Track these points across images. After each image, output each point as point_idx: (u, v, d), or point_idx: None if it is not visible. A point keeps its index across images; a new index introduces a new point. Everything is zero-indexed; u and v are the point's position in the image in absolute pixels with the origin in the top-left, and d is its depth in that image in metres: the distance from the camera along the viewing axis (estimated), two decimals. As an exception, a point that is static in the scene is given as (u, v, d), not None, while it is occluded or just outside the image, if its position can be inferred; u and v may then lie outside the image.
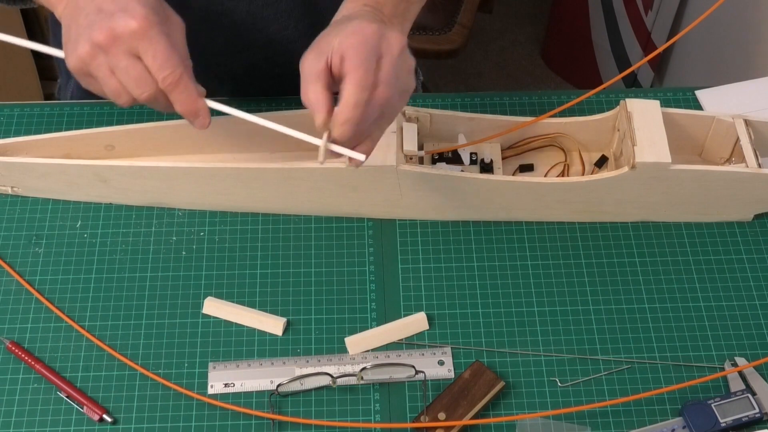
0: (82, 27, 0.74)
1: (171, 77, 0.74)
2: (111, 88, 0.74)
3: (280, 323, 0.87)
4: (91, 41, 0.73)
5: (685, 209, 0.93)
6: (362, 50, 0.72)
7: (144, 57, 0.73)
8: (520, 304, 0.89)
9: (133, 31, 0.72)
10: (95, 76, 0.75)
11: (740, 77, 1.07)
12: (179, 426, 0.81)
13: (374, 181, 0.89)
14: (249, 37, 1.00)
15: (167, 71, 0.73)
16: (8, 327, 0.87)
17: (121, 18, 0.72)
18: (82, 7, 0.75)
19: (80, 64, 0.74)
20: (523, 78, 2.25)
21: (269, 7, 0.98)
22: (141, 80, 0.73)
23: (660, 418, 0.82)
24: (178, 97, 0.75)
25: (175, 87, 0.74)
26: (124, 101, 0.75)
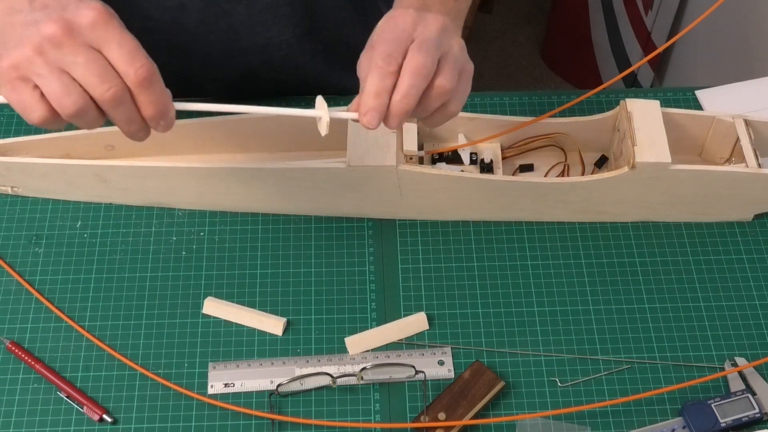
0: (22, 25, 0.63)
1: (143, 70, 0.63)
2: (54, 87, 0.61)
3: (280, 323, 0.87)
4: (39, 35, 0.61)
5: (685, 209, 0.93)
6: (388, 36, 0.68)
7: (107, 49, 0.62)
8: (520, 304, 0.89)
9: (93, 20, 0.62)
10: (36, 76, 0.62)
11: (740, 77, 1.07)
12: (179, 426, 0.81)
13: (374, 181, 0.89)
14: (247, 41, 1.00)
15: (139, 63, 0.63)
16: (8, 327, 0.87)
17: (76, 8, 0.62)
18: (20, 9, 0.64)
19: (20, 61, 0.61)
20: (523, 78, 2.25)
21: (268, 11, 0.98)
22: (105, 74, 0.62)
23: (660, 418, 0.82)
24: (150, 95, 0.64)
25: (149, 82, 0.63)
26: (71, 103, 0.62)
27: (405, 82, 0.68)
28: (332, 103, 0.75)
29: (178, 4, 0.95)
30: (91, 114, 0.63)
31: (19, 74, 0.62)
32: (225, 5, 0.96)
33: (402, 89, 0.68)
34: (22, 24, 0.63)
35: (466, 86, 0.74)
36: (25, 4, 0.64)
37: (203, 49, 1.00)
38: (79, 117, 0.63)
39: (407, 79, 0.68)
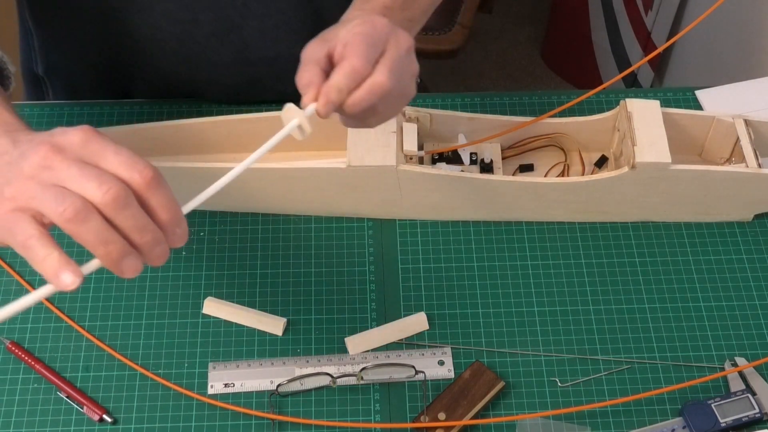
0: (8, 164, 0.59)
1: (148, 170, 0.56)
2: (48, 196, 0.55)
3: (280, 323, 0.87)
4: (28, 164, 0.57)
5: (685, 209, 0.93)
6: (367, 39, 0.68)
7: (104, 161, 0.57)
8: (520, 304, 0.89)
9: (83, 138, 0.57)
10: (31, 197, 0.56)
11: (740, 77, 1.07)
12: (179, 426, 0.81)
13: (374, 181, 0.89)
14: (257, 53, 1.00)
15: (141, 165, 0.56)
16: (8, 327, 0.87)
17: (62, 132, 0.58)
18: (7, 151, 0.60)
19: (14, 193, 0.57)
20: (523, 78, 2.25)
21: (279, 27, 0.98)
22: (102, 177, 0.55)
23: (660, 418, 0.82)
24: (161, 197, 0.57)
25: (157, 183, 0.57)
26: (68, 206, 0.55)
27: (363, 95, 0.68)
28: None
29: (190, 17, 0.95)
30: (93, 220, 0.55)
31: (16, 206, 0.57)
32: (237, 20, 0.96)
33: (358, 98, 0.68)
34: (9, 162, 0.59)
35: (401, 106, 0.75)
36: (10, 146, 0.60)
37: (211, 59, 1.00)
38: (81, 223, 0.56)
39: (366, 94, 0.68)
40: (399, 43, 0.71)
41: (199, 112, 1.03)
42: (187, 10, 0.94)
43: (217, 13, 0.95)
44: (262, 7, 0.95)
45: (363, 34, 0.69)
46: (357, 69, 0.67)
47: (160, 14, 0.95)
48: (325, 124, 0.93)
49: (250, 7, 0.95)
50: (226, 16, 0.95)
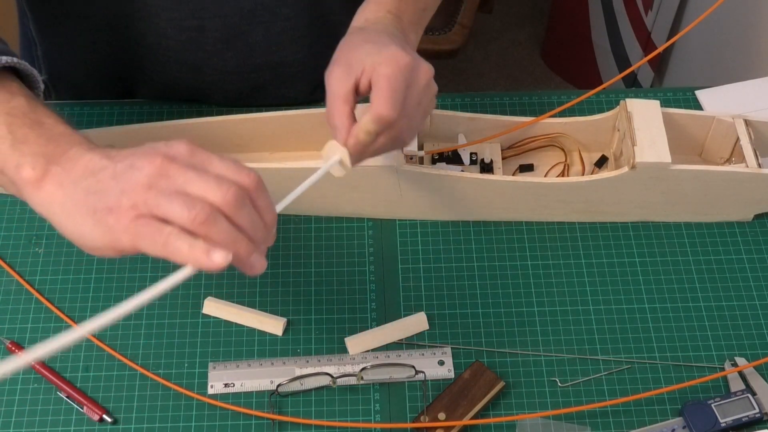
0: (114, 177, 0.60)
1: (254, 175, 0.61)
2: (179, 203, 0.58)
3: (280, 323, 0.87)
4: (143, 174, 0.59)
5: (685, 209, 0.93)
6: (393, 84, 0.71)
7: (212, 167, 0.60)
8: (520, 304, 0.89)
9: (188, 150, 0.60)
10: (157, 205, 0.58)
11: (740, 77, 1.07)
12: (179, 426, 0.81)
13: (374, 181, 0.89)
14: (261, 59, 1.00)
15: (246, 170, 0.60)
16: (8, 327, 0.87)
17: (166, 145, 0.61)
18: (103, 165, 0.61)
19: (136, 201, 0.58)
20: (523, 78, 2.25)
21: (286, 33, 0.98)
22: (221, 181, 0.59)
23: (660, 418, 0.82)
24: (265, 199, 0.62)
25: (263, 186, 0.61)
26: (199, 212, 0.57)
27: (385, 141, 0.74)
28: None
29: (197, 25, 0.95)
30: (222, 221, 0.58)
31: (139, 214, 0.58)
32: (244, 27, 0.96)
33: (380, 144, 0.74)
34: (113, 176, 0.60)
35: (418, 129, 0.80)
36: (105, 161, 0.61)
37: (216, 66, 1.00)
38: (213, 225, 0.58)
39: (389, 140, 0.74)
40: (418, 80, 0.74)
41: (200, 112, 1.02)
42: (194, 17, 0.94)
43: (223, 20, 0.95)
44: (268, 13, 0.95)
45: (388, 77, 0.71)
46: (384, 119, 0.71)
47: (166, 22, 0.95)
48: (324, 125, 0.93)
49: (257, 13, 0.95)
50: (232, 23, 0.95)
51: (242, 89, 1.02)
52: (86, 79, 1.06)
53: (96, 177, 0.61)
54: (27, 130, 0.65)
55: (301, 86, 1.04)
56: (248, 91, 1.03)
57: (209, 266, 0.59)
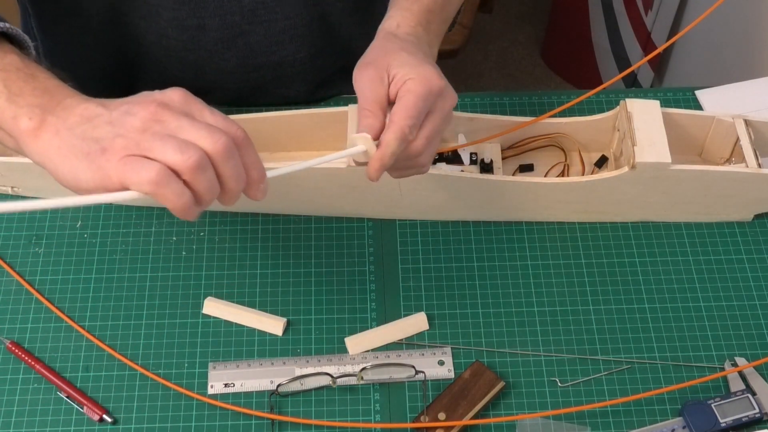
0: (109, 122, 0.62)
1: (241, 131, 0.63)
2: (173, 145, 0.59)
3: (280, 323, 0.87)
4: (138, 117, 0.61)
5: (685, 209, 0.93)
6: (419, 104, 0.72)
7: (203, 117, 0.63)
8: (520, 304, 0.89)
9: (182, 98, 0.64)
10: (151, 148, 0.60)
11: (740, 77, 1.07)
12: (179, 426, 0.81)
13: (374, 181, 0.89)
14: (262, 59, 1.00)
15: (235, 126, 0.63)
16: (8, 327, 0.87)
17: (162, 93, 0.64)
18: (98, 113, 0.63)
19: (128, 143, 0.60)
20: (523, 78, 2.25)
21: (286, 32, 0.98)
22: (212, 129, 0.61)
23: (660, 418, 0.82)
24: (252, 155, 0.64)
25: (249, 141, 0.64)
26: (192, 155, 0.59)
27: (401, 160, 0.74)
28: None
29: (197, 24, 0.95)
30: (210, 170, 0.61)
31: (133, 155, 0.60)
32: (244, 26, 0.96)
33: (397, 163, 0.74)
34: (108, 121, 0.62)
35: None
36: (101, 108, 0.64)
37: (217, 65, 1.00)
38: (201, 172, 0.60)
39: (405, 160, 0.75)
40: (444, 106, 0.75)
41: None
42: (194, 16, 0.94)
43: (224, 19, 0.95)
44: (268, 12, 0.95)
45: (417, 95, 0.72)
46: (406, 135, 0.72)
47: (167, 21, 0.95)
48: (325, 125, 0.93)
49: (257, 12, 0.95)
50: (233, 22, 0.95)
51: (243, 89, 1.02)
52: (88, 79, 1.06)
53: (92, 123, 0.63)
54: (21, 83, 0.67)
55: (302, 86, 1.04)
56: (249, 91, 1.03)
57: (184, 217, 0.61)
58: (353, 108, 0.90)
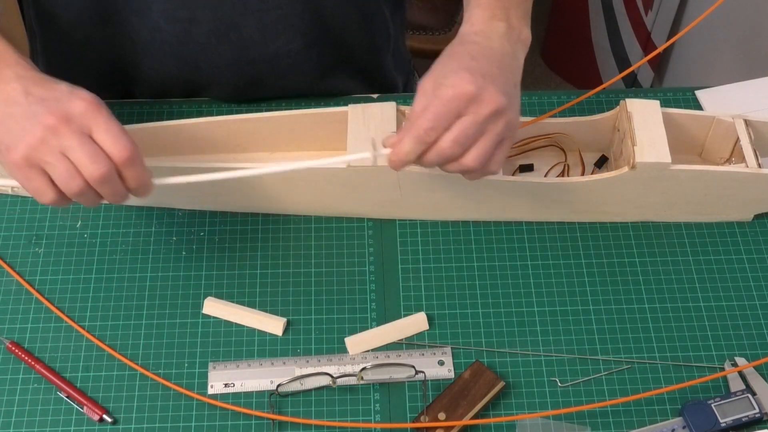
0: (23, 118, 0.72)
1: (127, 151, 0.73)
2: (61, 171, 0.72)
3: (280, 323, 0.87)
4: (41, 125, 0.71)
5: (685, 209, 0.93)
6: (439, 109, 0.75)
7: (96, 134, 0.73)
8: (520, 304, 0.89)
9: (84, 110, 0.73)
10: (44, 162, 0.72)
11: (740, 77, 1.07)
12: (179, 426, 0.81)
13: (374, 181, 0.89)
14: (255, 52, 1.00)
15: (121, 144, 0.73)
16: (8, 327, 0.87)
17: (69, 100, 0.73)
18: (17, 101, 0.73)
19: (29, 152, 0.72)
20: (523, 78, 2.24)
21: (278, 23, 0.98)
22: (95, 156, 0.72)
23: (660, 418, 0.82)
24: (133, 172, 0.74)
25: (131, 162, 0.73)
26: (75, 185, 0.72)
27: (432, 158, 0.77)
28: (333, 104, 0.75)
29: (188, 16, 0.95)
30: (91, 193, 0.74)
31: (30, 163, 0.72)
32: (236, 18, 0.96)
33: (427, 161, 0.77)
34: (21, 116, 0.73)
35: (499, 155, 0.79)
36: (22, 97, 0.73)
37: (212, 60, 1.00)
38: (81, 196, 0.74)
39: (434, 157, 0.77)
40: (479, 110, 0.75)
41: (200, 112, 1.03)
42: (185, 8, 0.94)
43: (215, 11, 0.95)
44: (259, 3, 0.95)
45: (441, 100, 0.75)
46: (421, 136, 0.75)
47: (158, 14, 0.95)
48: (325, 125, 0.93)
49: (248, 3, 0.95)
50: (224, 14, 0.95)
51: (240, 83, 1.02)
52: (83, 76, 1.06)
53: (9, 109, 0.73)
54: None
55: (299, 78, 1.04)
56: (246, 85, 1.03)
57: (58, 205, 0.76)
58: (353, 108, 0.90)
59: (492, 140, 0.77)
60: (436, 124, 0.75)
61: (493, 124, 0.76)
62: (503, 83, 0.78)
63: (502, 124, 0.77)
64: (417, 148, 0.76)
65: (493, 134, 0.76)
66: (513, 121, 0.78)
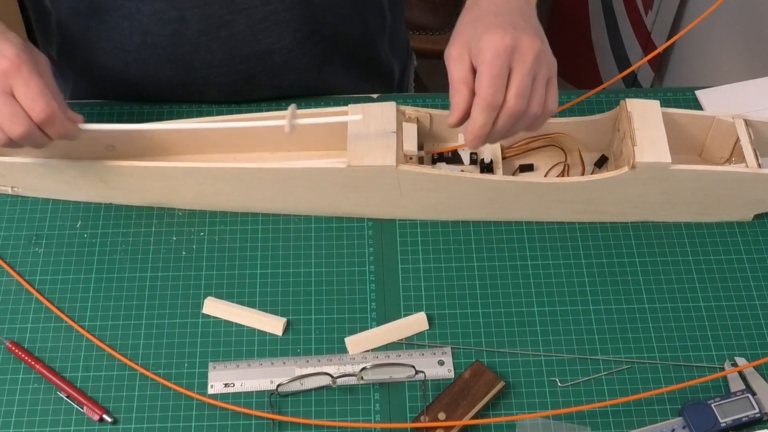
0: None
1: (43, 112, 0.77)
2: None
3: (280, 323, 0.87)
4: None
5: (685, 209, 0.93)
6: (492, 70, 0.76)
7: (16, 94, 0.77)
8: (520, 304, 0.89)
9: (5, 69, 0.76)
10: None
11: (740, 77, 1.07)
12: (179, 426, 0.81)
13: (374, 181, 0.89)
14: (248, 49, 1.00)
15: (39, 106, 0.77)
16: (8, 327, 0.87)
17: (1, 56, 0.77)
18: None
19: None
20: (522, 78, 2.24)
21: (267, 20, 0.98)
22: (14, 116, 0.77)
23: (660, 418, 0.82)
24: (52, 128, 0.79)
25: (49, 121, 0.78)
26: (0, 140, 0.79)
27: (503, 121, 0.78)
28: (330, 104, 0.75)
29: (177, 16, 0.95)
30: (14, 144, 0.80)
31: None
32: (225, 16, 0.96)
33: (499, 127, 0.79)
34: None
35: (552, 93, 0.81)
36: None
37: (205, 59, 1.00)
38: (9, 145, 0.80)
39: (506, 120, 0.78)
40: (524, 58, 0.77)
41: (199, 112, 1.03)
42: (174, 9, 0.95)
43: (203, 9, 0.95)
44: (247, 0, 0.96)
45: (487, 64, 0.76)
46: (490, 105, 0.77)
47: (148, 16, 0.95)
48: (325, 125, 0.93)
49: (236, 1, 0.95)
50: (213, 12, 0.96)
51: (234, 82, 1.03)
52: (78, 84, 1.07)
53: None
54: None
55: (294, 75, 1.04)
56: (241, 84, 1.03)
57: None
58: (353, 108, 0.90)
59: (543, 82, 0.79)
60: (496, 86, 0.76)
61: (538, 67, 0.78)
62: (532, 29, 0.80)
63: (546, 65, 0.79)
64: (489, 117, 0.77)
65: (541, 77, 0.79)
66: (552, 60, 0.81)
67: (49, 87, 0.79)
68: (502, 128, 0.79)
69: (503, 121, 0.78)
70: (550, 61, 0.80)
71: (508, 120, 0.78)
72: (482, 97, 0.77)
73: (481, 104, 0.77)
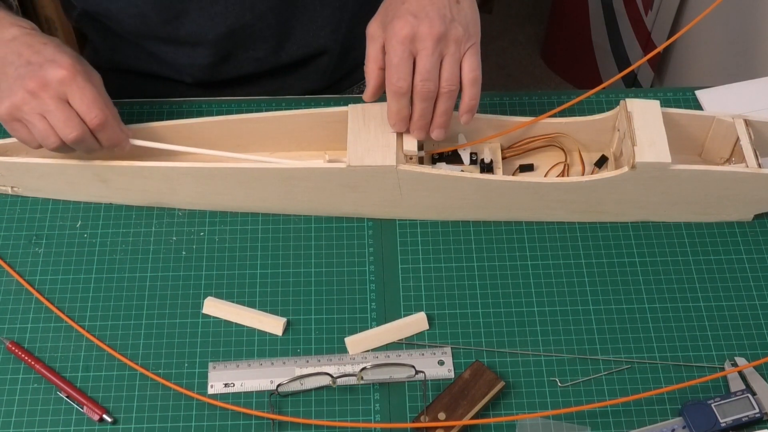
0: (12, 78, 0.81)
1: (97, 118, 0.82)
2: (39, 129, 0.81)
3: (280, 323, 0.87)
4: (23, 89, 0.80)
5: (685, 209, 0.93)
6: (394, 59, 0.81)
7: (72, 101, 0.81)
8: (520, 304, 0.89)
9: (62, 78, 0.80)
10: (26, 120, 0.81)
11: (740, 77, 1.07)
12: (179, 426, 0.81)
13: (374, 181, 0.89)
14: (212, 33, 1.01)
15: (94, 112, 0.81)
16: (8, 327, 0.87)
17: (50, 67, 0.81)
18: (11, 61, 0.82)
19: (12, 110, 0.81)
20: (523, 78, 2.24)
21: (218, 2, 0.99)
22: (69, 121, 0.81)
23: (660, 418, 0.82)
24: (104, 135, 0.83)
25: (102, 127, 0.82)
26: (52, 142, 0.82)
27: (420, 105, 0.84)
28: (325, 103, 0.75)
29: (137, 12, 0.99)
30: (66, 148, 0.83)
31: (13, 118, 0.82)
32: (177, 4, 0.98)
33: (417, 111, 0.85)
34: (12, 77, 0.81)
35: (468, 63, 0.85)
36: (15, 57, 0.82)
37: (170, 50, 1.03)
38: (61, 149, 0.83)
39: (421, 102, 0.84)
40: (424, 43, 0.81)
41: (200, 112, 1.03)
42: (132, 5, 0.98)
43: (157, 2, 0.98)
44: None
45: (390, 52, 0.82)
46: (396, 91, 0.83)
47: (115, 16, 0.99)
48: (325, 125, 0.93)
49: None
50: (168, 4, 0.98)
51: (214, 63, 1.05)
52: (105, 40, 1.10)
53: (5, 68, 0.82)
54: None
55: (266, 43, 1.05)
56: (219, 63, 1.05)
57: None
58: (353, 108, 0.90)
59: (453, 59, 0.82)
60: (399, 74, 0.81)
61: (444, 48, 0.82)
62: (438, 10, 0.82)
63: (453, 43, 0.82)
64: (401, 102, 0.83)
65: (449, 56, 0.82)
66: (462, 36, 0.83)
67: (102, 97, 0.83)
68: (423, 111, 0.84)
69: (419, 104, 0.83)
70: (460, 38, 0.83)
71: (423, 102, 0.83)
72: (388, 84, 0.83)
73: (388, 91, 0.83)
